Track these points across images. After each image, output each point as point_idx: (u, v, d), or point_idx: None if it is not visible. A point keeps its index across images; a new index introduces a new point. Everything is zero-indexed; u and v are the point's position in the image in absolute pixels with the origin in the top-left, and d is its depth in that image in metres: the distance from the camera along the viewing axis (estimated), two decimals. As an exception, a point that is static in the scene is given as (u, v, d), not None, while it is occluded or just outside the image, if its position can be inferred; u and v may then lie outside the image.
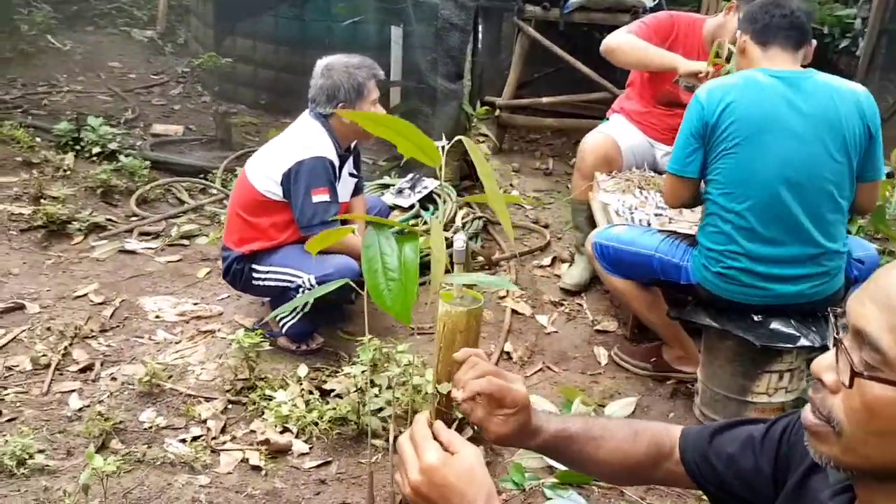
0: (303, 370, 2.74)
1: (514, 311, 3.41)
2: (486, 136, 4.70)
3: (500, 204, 1.01)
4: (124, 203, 4.26)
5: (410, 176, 4.04)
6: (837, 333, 0.87)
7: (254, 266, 2.91)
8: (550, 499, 2.23)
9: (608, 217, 3.20)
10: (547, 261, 3.94)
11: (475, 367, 1.12)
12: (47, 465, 2.17)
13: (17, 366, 2.76)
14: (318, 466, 2.30)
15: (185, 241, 3.91)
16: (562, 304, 3.54)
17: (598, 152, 3.54)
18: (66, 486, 2.00)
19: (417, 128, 0.95)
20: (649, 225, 2.98)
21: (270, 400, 2.56)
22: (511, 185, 4.99)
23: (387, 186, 4.01)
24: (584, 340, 3.27)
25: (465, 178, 4.63)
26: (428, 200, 3.93)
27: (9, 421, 2.43)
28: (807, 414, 0.89)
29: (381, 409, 2.44)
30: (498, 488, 2.23)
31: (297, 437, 2.44)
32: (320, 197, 2.78)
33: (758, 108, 2.26)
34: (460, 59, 4.23)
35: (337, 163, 2.93)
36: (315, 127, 2.90)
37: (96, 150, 4.47)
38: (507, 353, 3.10)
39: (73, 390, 2.65)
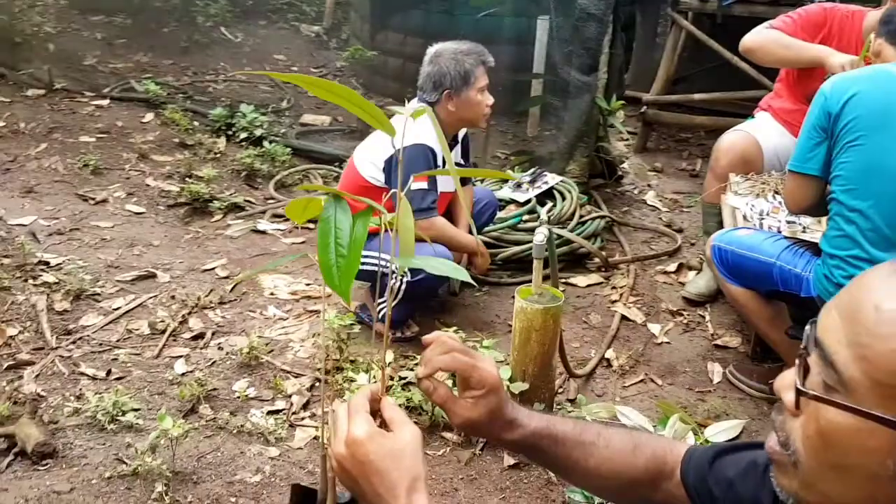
0: (389, 356, 2.75)
1: (623, 318, 3.22)
2: (617, 130, 4.47)
3: (457, 182, 0.93)
4: (264, 186, 4.51)
5: (532, 170, 3.94)
6: (805, 346, 0.72)
7: (355, 250, 2.97)
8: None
9: (735, 222, 2.94)
10: (672, 267, 3.69)
11: (441, 345, 1.03)
12: (136, 424, 2.32)
13: (137, 329, 3.00)
14: (384, 453, 2.29)
15: (311, 225, 4.06)
16: (681, 315, 3.30)
17: (734, 151, 3.26)
18: (144, 445, 2.13)
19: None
20: (779, 233, 2.69)
21: (353, 382, 2.59)
22: (648, 185, 4.73)
23: (506, 181, 3.93)
24: (699, 355, 3.02)
25: (598, 175, 4.46)
26: (547, 197, 3.81)
27: (116, 379, 2.63)
28: (770, 439, 0.75)
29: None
30: (564, 498, 2.11)
31: (372, 422, 2.45)
32: (419, 184, 2.77)
33: (886, 99, 1.97)
34: (596, 50, 4.06)
35: (441, 152, 2.90)
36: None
37: (244, 135, 4.76)
38: (608, 360, 2.93)
39: (181, 356, 2.83)
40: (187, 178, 4.32)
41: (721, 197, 3.23)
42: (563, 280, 3.52)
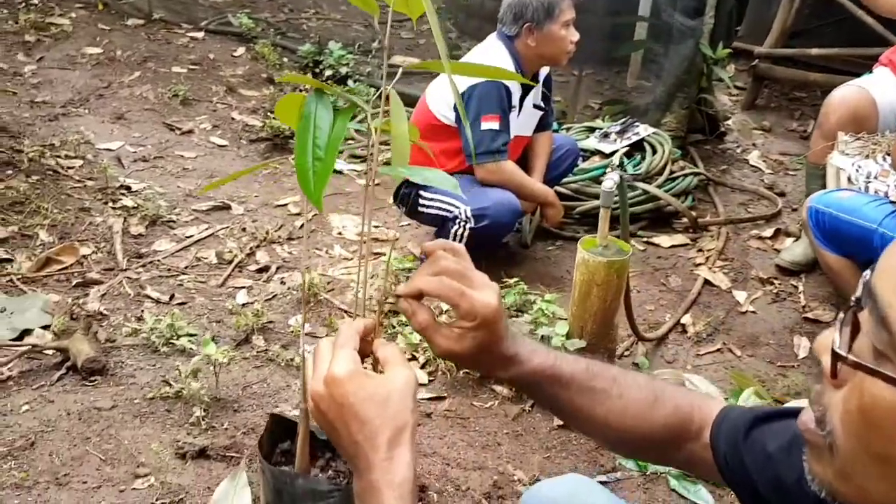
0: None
1: (707, 282, 3.00)
2: (723, 83, 4.14)
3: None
4: (345, 126, 4.45)
5: (623, 120, 3.70)
6: (859, 297, 0.56)
7: (420, 192, 2.86)
8: (674, 490, 1.93)
9: (839, 184, 2.66)
10: (768, 232, 3.40)
11: (434, 263, 0.89)
12: (190, 349, 2.33)
13: (206, 258, 3.02)
14: (430, 399, 2.22)
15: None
16: (771, 283, 3.04)
17: (846, 107, 2.93)
18: (188, 369, 2.13)
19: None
20: (886, 197, 2.40)
21: (406, 326, 2.51)
22: (753, 144, 4.39)
23: (593, 130, 3.71)
24: (786, 327, 2.77)
25: (697, 130, 4.16)
26: (637, 150, 3.57)
27: (179, 304, 2.66)
28: (803, 413, 0.59)
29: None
30: (614, 465, 1.98)
31: (422, 367, 2.38)
32: (489, 124, 2.62)
33: None
34: (703, -9, 3.74)
35: (518, 91, 2.74)
36: (498, 49, 2.72)
37: (329, 72, 4.71)
38: (683, 325, 2.73)
39: (244, 287, 2.83)
40: (270, 114, 4.31)
41: (826, 157, 2.93)
42: (645, 239, 3.31)
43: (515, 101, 2.75)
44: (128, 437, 1.85)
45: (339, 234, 3.33)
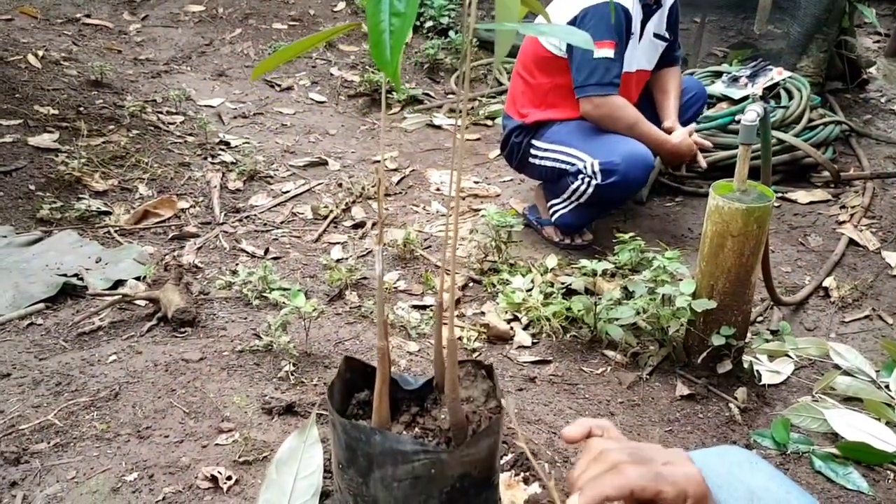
0: (551, 261, 2.44)
1: (852, 242, 2.65)
2: (868, 24, 3.68)
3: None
4: (446, 80, 4.28)
5: (754, 63, 3.33)
6: None
7: (533, 141, 2.63)
8: (819, 472, 1.67)
9: None
10: (924, 188, 3.00)
11: (600, 453, 0.68)
12: (282, 303, 2.23)
13: (302, 213, 2.93)
14: (535, 363, 2.03)
15: (489, 122, 3.80)
16: (929, 244, 2.66)
17: None
18: (276, 321, 2.03)
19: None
20: None
21: (507, 285, 2.33)
22: (903, 92, 3.90)
23: (719, 75, 3.37)
24: (950, 293, 2.41)
25: (837, 76, 3.73)
26: (771, 96, 3.21)
27: (273, 259, 2.57)
28: None
29: (627, 319, 2.05)
30: (748, 442, 1.74)
31: (525, 328, 2.19)
32: (603, 51, 2.36)
33: None
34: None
35: (638, 15, 2.46)
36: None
37: (430, 24, 4.53)
38: (826, 289, 2.41)
39: (338, 243, 2.72)
40: (370, 68, 4.19)
41: None
42: (780, 194, 2.98)
43: (636, 26, 2.47)
44: (213, 390, 1.76)
45: (437, 189, 3.17)
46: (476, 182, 3.20)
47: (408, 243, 2.61)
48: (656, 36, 2.58)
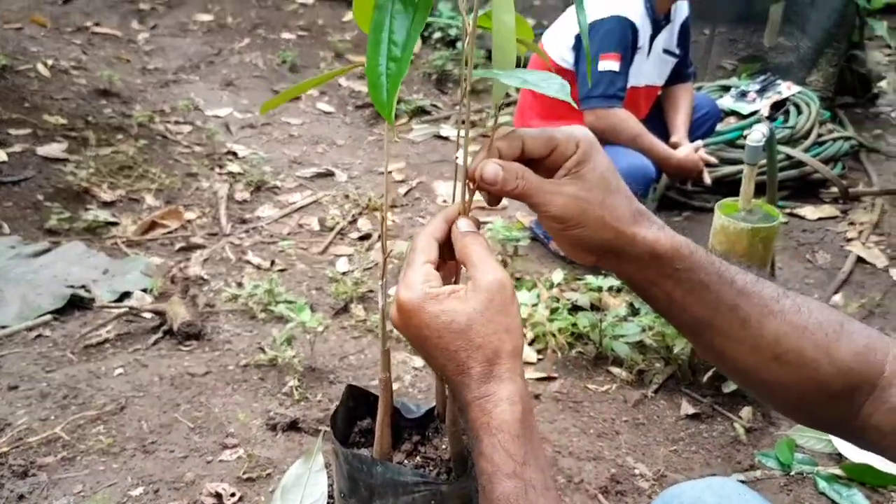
0: (557, 276, 2.45)
1: (860, 259, 2.65)
2: (879, 38, 3.69)
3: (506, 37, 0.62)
4: (453, 91, 4.31)
5: (763, 77, 3.35)
6: None
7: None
8: (823, 493, 1.68)
9: None
10: (933, 205, 3.00)
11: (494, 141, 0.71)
12: (287, 316, 2.24)
13: (309, 224, 2.95)
14: (539, 380, 2.04)
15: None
16: (938, 262, 2.66)
17: None
18: (281, 336, 2.05)
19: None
20: None
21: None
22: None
23: (729, 89, 3.38)
24: (959, 312, 2.41)
25: (847, 91, 3.74)
26: (779, 112, 3.22)
27: (279, 271, 2.59)
28: None
29: (632, 336, 2.06)
30: (752, 462, 1.74)
31: (531, 344, 2.20)
32: (608, 64, 2.38)
33: None
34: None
35: (647, 30, 2.48)
36: (627, -20, 2.48)
37: (438, 34, 4.56)
38: (833, 307, 2.42)
39: (344, 255, 2.74)
40: (377, 79, 4.22)
41: None
42: (788, 210, 2.99)
43: (643, 40, 2.49)
44: (218, 404, 1.78)
45: (445, 201, 3.19)
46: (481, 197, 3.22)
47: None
48: (665, 51, 2.60)
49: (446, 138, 3.80)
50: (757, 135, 1.74)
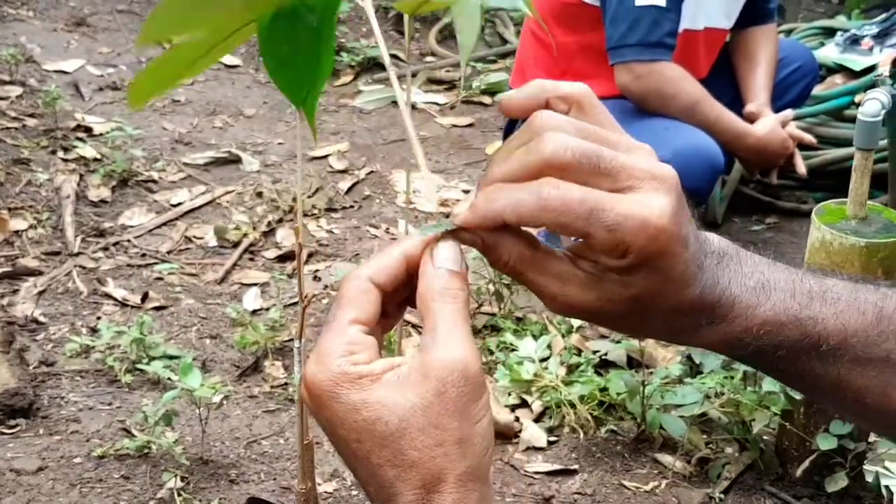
0: (579, 315, 2.48)
1: None
2: None
3: None
4: (423, 36, 4.35)
5: (882, 17, 3.44)
6: None
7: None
8: None
9: None
10: None
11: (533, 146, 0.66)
12: (166, 379, 2.25)
13: (202, 238, 2.97)
14: (552, 474, 2.07)
15: (487, 100, 3.87)
16: None
17: None
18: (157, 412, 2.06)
19: None
20: None
21: (513, 351, 2.36)
22: None
23: (833, 33, 3.46)
24: None
25: None
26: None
27: (155, 309, 2.60)
28: None
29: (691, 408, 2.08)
30: None
31: (538, 420, 2.22)
32: None
33: None
34: None
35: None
36: None
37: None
38: None
39: (255, 284, 2.75)
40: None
41: None
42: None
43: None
44: (58, 519, 1.78)
45: (409, 202, 3.21)
46: (466, 191, 3.24)
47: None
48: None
49: (413, 106, 3.82)
50: (874, 105, 1.78)
